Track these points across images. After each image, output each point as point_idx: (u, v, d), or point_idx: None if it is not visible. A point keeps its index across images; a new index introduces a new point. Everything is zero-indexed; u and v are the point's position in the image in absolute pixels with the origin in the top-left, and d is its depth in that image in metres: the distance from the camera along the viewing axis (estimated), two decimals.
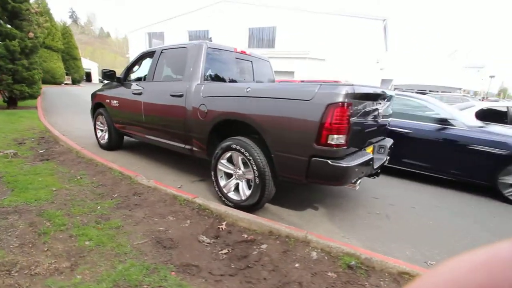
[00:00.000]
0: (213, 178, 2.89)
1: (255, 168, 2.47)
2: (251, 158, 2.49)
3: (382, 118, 2.83)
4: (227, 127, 2.86)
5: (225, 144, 2.71)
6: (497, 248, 0.21)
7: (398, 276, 1.81)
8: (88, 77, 36.30)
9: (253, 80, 3.85)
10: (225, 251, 2.03)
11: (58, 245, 1.90)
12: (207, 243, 2.12)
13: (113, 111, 4.33)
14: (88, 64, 36.29)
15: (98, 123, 4.86)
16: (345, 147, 2.09)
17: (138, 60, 4.16)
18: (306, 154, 2.17)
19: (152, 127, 3.66)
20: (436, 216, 2.94)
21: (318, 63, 16.78)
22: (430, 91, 22.32)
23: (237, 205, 2.69)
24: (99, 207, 2.53)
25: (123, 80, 4.22)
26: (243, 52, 3.68)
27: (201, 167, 4.10)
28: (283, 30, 18.55)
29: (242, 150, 2.54)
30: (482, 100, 15.59)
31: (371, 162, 2.41)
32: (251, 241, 2.16)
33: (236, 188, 2.78)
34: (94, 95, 4.96)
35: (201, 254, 1.98)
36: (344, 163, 2.07)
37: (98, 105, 4.83)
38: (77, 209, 2.43)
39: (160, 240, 2.08)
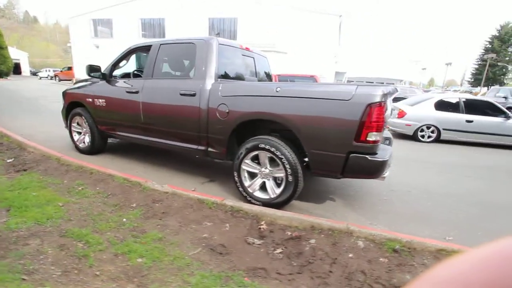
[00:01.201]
0: (236, 179, 2.85)
1: (287, 166, 2.52)
2: (282, 157, 2.53)
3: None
4: (243, 127, 2.83)
5: (250, 144, 2.70)
6: (501, 245, 0.21)
7: (437, 253, 2.07)
8: (17, 69, 31.31)
9: (256, 77, 3.83)
10: (279, 250, 2.07)
11: (108, 267, 1.72)
12: (258, 244, 2.13)
13: (97, 112, 3.90)
14: (16, 53, 31.25)
15: (74, 124, 4.34)
16: (379, 143, 2.28)
17: (127, 55, 3.79)
18: (344, 150, 2.29)
19: (154, 129, 3.41)
20: (431, 198, 3.37)
21: (282, 56, 17.14)
22: (376, 82, 24.60)
23: (266, 204, 2.72)
24: (124, 219, 2.33)
25: (109, 77, 3.82)
26: (247, 49, 3.62)
27: (206, 168, 3.98)
28: (245, 22, 18.42)
29: (273, 149, 2.56)
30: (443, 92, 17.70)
31: (391, 155, 2.65)
32: (298, 238, 2.23)
33: (262, 187, 2.80)
34: (66, 94, 4.39)
35: (258, 256, 1.99)
36: (380, 158, 2.25)
37: (73, 105, 4.30)
38: (102, 224, 2.20)
39: (213, 247, 2.02)
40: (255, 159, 2.79)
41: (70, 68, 25.67)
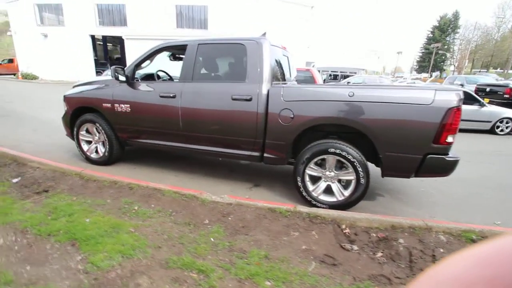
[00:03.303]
0: (299, 184, 2.83)
1: (360, 169, 2.58)
2: (355, 160, 2.57)
3: None
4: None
5: (318, 148, 2.69)
6: (501, 242, 0.21)
7: None
8: None
9: (291, 76, 3.77)
10: (379, 254, 2.14)
11: None
12: (356, 250, 2.18)
13: (118, 118, 3.51)
14: None
15: (82, 133, 3.85)
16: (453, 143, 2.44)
17: (152, 55, 3.44)
18: (422, 152, 2.42)
19: (196, 136, 3.19)
20: (465, 185, 3.71)
21: None
22: (340, 72, 25.74)
23: (333, 206, 2.76)
24: (212, 239, 2.18)
25: (131, 79, 3.44)
26: (284, 48, 3.53)
27: (242, 172, 3.87)
28: (216, 10, 17.72)
29: (344, 153, 2.59)
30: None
31: None
32: (386, 239, 2.33)
33: (327, 190, 2.82)
34: (70, 98, 3.87)
35: (366, 262, 2.03)
36: (454, 157, 2.42)
37: (80, 110, 3.81)
38: (198, 248, 2.03)
39: (322, 259, 2.01)
40: (318, 162, 2.79)
41: (11, 61, 22.27)
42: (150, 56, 3.43)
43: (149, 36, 16.71)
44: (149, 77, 3.80)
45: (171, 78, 4.12)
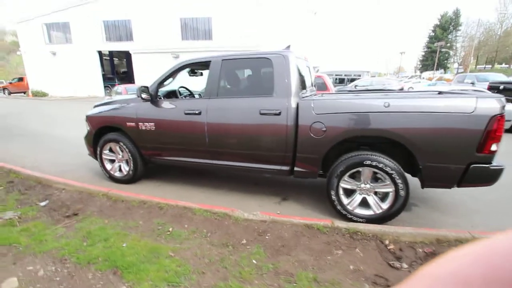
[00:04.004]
0: (333, 197, 2.75)
1: (399, 181, 2.49)
2: (393, 172, 2.49)
3: None
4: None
5: (352, 161, 2.61)
6: (496, 241, 0.21)
7: None
8: None
9: (313, 86, 3.73)
10: None
11: None
12: (406, 268, 2.08)
13: (143, 137, 3.49)
14: None
15: (105, 152, 3.85)
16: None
17: (175, 72, 3.43)
18: (465, 162, 2.33)
19: (223, 151, 3.15)
20: (500, 190, 3.58)
21: None
22: (345, 75, 25.65)
23: (371, 220, 2.67)
24: (254, 261, 2.11)
25: (155, 97, 3.44)
26: (306, 59, 3.50)
27: (268, 185, 3.80)
28: (220, 21, 17.93)
29: (381, 165, 2.51)
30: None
31: None
32: (433, 254, 2.23)
33: (363, 203, 2.74)
34: (93, 118, 3.88)
35: None
36: (499, 166, 2.33)
37: (102, 130, 3.82)
38: (243, 272, 1.96)
39: (374, 280, 1.92)
40: (352, 175, 2.72)
41: (21, 79, 22.79)
42: (173, 74, 3.42)
43: (156, 50, 16.99)
44: (171, 94, 3.80)
45: (192, 94, 4.12)
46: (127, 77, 24.75)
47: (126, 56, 25.85)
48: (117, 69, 26.76)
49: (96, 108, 4.02)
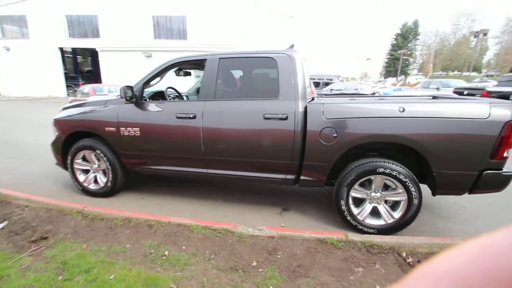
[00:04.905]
0: (343, 207, 2.58)
1: (413, 189, 2.39)
2: (407, 180, 2.38)
3: None
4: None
5: (364, 168, 2.46)
6: (494, 237, 0.21)
7: None
8: None
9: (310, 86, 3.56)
10: None
11: None
12: None
13: (125, 143, 3.07)
14: None
15: (78, 161, 3.34)
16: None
17: (163, 71, 3.06)
18: (478, 168, 2.28)
19: (221, 160, 2.85)
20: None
21: None
22: (318, 79, 26.32)
23: (382, 230, 2.54)
24: (271, 287, 1.85)
25: (140, 98, 3.04)
26: (305, 59, 3.32)
27: (265, 195, 3.55)
28: (195, 21, 17.40)
29: (394, 173, 2.39)
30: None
31: None
32: None
33: (372, 213, 2.60)
34: (62, 122, 3.36)
35: None
36: (510, 171, 2.31)
37: (74, 136, 3.32)
38: None
39: None
40: (361, 183, 2.58)
41: None
42: (161, 72, 3.05)
43: (126, 48, 15.99)
44: (157, 95, 3.41)
45: (181, 96, 3.75)
46: (92, 76, 23.04)
47: (91, 54, 24.10)
48: (80, 67, 24.82)
49: (65, 111, 3.49)
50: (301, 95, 2.60)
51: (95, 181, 3.38)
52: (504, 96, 8.42)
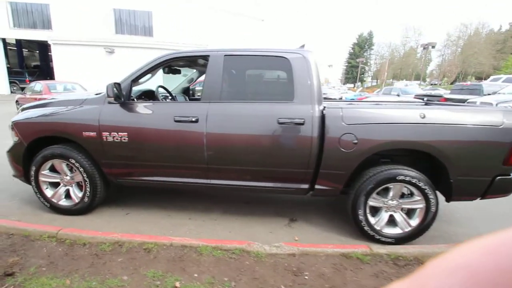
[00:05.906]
0: (361, 217, 2.45)
1: (431, 196, 2.35)
2: (426, 187, 2.33)
3: None
4: None
5: (383, 176, 2.36)
6: (507, 232, 0.21)
7: None
8: None
9: None
10: None
11: None
12: None
13: (109, 150, 2.60)
14: None
15: (44, 172, 2.77)
16: None
17: (155, 68, 2.66)
18: (491, 174, 2.31)
19: (227, 168, 2.54)
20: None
21: None
22: None
23: (399, 240, 2.47)
24: None
25: (127, 98, 2.60)
26: None
27: (268, 204, 3.30)
28: (162, 17, 16.49)
29: (414, 180, 2.32)
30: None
31: None
32: None
33: (389, 222, 2.52)
34: (25, 125, 2.77)
35: None
36: None
37: (39, 142, 2.74)
38: None
39: None
40: (380, 192, 2.48)
41: None
42: (153, 69, 2.64)
43: (84, 42, 14.53)
44: (145, 96, 2.97)
45: (173, 97, 3.33)
46: (41, 71, 20.50)
47: (39, 47, 21.50)
48: (27, 62, 21.97)
49: (26, 112, 2.88)
50: (318, 98, 2.42)
51: (67, 196, 2.82)
52: (460, 101, 9.35)
